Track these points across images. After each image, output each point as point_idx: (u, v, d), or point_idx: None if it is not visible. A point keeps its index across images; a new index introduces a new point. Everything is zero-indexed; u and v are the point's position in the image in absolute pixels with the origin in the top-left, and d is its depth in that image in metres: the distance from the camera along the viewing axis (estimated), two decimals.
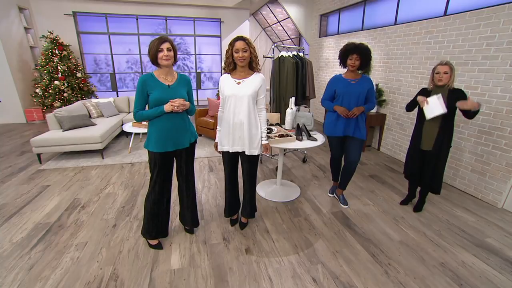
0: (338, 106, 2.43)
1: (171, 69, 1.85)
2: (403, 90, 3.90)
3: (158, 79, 1.80)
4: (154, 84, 1.78)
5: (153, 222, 2.01)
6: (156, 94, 1.77)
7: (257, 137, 2.00)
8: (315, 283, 1.77)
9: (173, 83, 1.84)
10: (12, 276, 1.78)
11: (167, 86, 1.81)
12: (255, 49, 1.88)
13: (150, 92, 1.78)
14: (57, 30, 6.14)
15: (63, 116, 3.91)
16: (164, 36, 1.76)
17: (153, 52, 1.72)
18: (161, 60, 1.74)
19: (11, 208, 2.60)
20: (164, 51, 1.72)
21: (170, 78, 1.85)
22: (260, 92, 1.95)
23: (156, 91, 1.77)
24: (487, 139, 2.84)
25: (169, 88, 1.81)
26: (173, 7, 7.25)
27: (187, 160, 2.02)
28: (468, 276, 1.86)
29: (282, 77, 3.79)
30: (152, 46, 1.72)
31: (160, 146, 1.83)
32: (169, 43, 1.75)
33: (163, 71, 1.82)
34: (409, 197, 2.77)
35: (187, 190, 2.11)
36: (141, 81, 1.77)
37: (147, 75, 1.81)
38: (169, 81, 1.84)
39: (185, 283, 1.76)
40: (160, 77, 1.81)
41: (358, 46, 2.30)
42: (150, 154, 1.87)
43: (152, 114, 1.79)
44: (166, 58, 1.74)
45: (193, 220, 2.22)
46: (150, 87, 1.78)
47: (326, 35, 6.31)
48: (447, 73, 2.24)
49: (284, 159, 3.90)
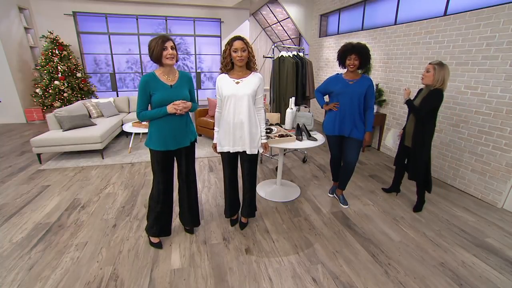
0: (325, 105, 2.57)
1: (172, 67, 1.85)
2: (403, 90, 3.90)
3: (160, 79, 1.79)
4: (157, 85, 1.77)
5: (156, 220, 2.02)
6: (159, 95, 1.76)
7: (257, 136, 2.02)
8: (315, 283, 1.77)
9: (175, 82, 1.83)
10: (12, 276, 1.78)
11: (169, 86, 1.80)
12: (252, 49, 1.89)
13: (153, 93, 1.77)
14: (57, 30, 6.14)
15: (63, 116, 3.91)
16: (166, 35, 1.75)
17: (157, 51, 1.69)
18: (166, 59, 1.72)
19: (11, 208, 2.60)
20: (168, 49, 1.71)
21: (171, 77, 1.83)
22: (259, 91, 1.96)
23: (159, 92, 1.76)
24: (487, 139, 2.84)
25: (171, 88, 1.81)
26: (173, 7, 7.25)
27: (187, 159, 2.01)
28: (468, 276, 1.86)
29: (282, 77, 3.79)
30: (155, 44, 1.68)
31: (161, 145, 1.84)
32: (172, 41, 1.74)
33: (165, 70, 1.81)
34: (392, 187, 2.97)
35: (188, 190, 2.10)
36: (143, 81, 1.75)
37: (149, 75, 1.78)
38: (171, 80, 1.83)
39: (185, 283, 1.76)
40: (162, 77, 1.80)
41: (356, 46, 2.29)
42: (152, 152, 1.88)
43: (155, 115, 1.79)
44: (171, 56, 1.73)
45: (193, 220, 2.22)
46: (153, 87, 1.77)
47: (326, 35, 6.31)
48: (428, 72, 2.31)
49: (284, 159, 3.90)
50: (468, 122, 3.02)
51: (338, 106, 2.44)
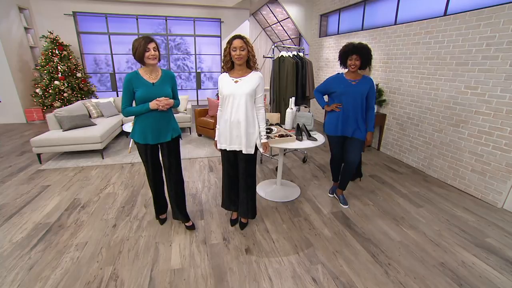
0: (327, 105, 2.56)
1: (155, 66, 1.94)
2: (403, 90, 3.90)
3: (143, 77, 1.90)
4: (139, 82, 1.89)
5: (155, 203, 2.33)
6: (141, 92, 1.87)
7: (254, 136, 2.01)
8: (315, 283, 1.77)
9: (157, 80, 1.94)
10: (12, 276, 1.78)
11: (151, 84, 1.91)
12: (253, 48, 1.90)
13: (136, 90, 1.88)
14: (57, 30, 6.15)
15: (63, 116, 3.91)
16: (150, 36, 1.85)
17: (140, 51, 1.79)
18: (148, 59, 1.83)
19: (11, 208, 2.60)
20: (151, 50, 1.81)
21: (154, 75, 1.94)
22: (258, 90, 1.95)
23: (141, 89, 1.88)
24: (487, 139, 2.84)
25: (153, 85, 1.91)
26: (173, 7, 7.25)
27: (169, 154, 2.11)
28: (468, 276, 1.86)
29: (282, 77, 3.79)
30: (138, 45, 1.79)
31: (141, 138, 1.98)
32: (154, 43, 1.84)
33: (148, 69, 1.92)
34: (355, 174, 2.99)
35: (172, 184, 2.19)
36: (126, 79, 1.88)
37: (133, 73, 1.90)
38: (154, 78, 1.93)
39: (185, 283, 1.76)
40: (145, 75, 1.91)
41: (357, 46, 2.29)
42: (137, 144, 2.06)
43: (138, 111, 1.91)
44: (153, 57, 1.84)
45: (182, 214, 2.28)
46: (135, 85, 1.88)
47: (326, 35, 6.31)
48: None
49: (284, 159, 3.90)
50: (468, 122, 3.02)
51: (341, 107, 2.43)
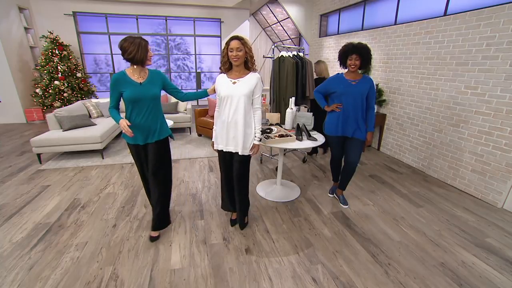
0: (327, 106, 2.54)
1: (144, 67, 1.96)
2: (403, 90, 3.90)
3: (130, 77, 1.90)
4: (126, 83, 1.89)
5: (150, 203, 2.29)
6: (128, 92, 1.87)
7: (251, 137, 2.00)
8: (315, 283, 1.77)
9: (144, 80, 1.94)
10: (12, 276, 1.78)
11: (138, 84, 1.91)
12: (251, 49, 1.89)
13: (123, 91, 1.88)
14: (57, 30, 6.14)
15: (63, 116, 3.91)
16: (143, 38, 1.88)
17: (143, 53, 1.83)
18: (148, 61, 1.90)
19: (11, 208, 2.60)
20: (150, 51, 1.88)
21: (142, 75, 1.94)
22: (256, 91, 1.95)
23: (129, 89, 1.88)
24: (487, 139, 2.84)
25: (141, 85, 1.91)
26: (173, 7, 7.25)
27: (156, 155, 2.03)
28: (468, 276, 1.86)
29: (282, 77, 3.79)
30: (138, 47, 1.81)
31: (131, 139, 1.98)
32: None
33: (137, 69, 1.92)
34: None
35: (154, 187, 2.07)
36: (113, 80, 1.88)
37: (120, 73, 1.89)
38: (141, 78, 1.93)
39: (185, 283, 1.76)
40: (132, 75, 1.91)
41: (357, 46, 2.29)
42: (128, 145, 2.06)
43: (114, 118, 1.93)
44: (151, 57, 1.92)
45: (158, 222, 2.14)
46: (122, 85, 1.88)
47: (326, 35, 6.31)
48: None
49: (284, 159, 3.90)
50: (468, 122, 3.02)
51: (341, 107, 2.43)
